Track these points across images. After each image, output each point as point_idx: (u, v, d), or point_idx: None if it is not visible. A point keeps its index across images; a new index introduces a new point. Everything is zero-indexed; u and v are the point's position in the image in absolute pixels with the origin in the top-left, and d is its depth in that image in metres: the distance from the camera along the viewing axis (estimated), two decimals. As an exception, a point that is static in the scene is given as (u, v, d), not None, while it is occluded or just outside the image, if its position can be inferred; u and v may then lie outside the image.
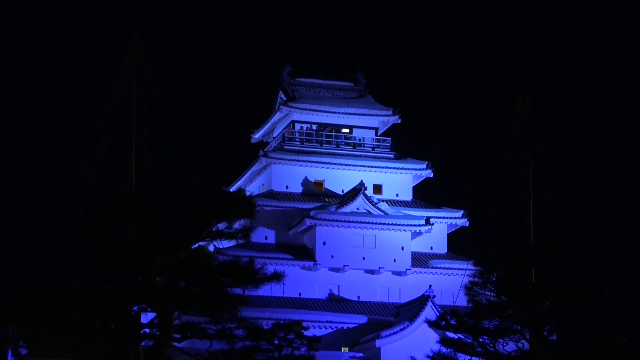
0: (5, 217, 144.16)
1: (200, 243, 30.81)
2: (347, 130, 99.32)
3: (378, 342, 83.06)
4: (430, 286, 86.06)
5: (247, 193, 49.40)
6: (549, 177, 62.80)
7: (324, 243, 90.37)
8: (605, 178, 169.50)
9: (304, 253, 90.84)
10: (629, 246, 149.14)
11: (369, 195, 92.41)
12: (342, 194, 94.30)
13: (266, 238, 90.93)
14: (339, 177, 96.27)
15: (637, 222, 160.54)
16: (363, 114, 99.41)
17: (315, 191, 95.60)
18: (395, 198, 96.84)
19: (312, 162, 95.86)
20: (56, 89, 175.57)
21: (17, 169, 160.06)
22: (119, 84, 48.68)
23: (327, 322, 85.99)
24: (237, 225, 29.66)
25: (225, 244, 38.60)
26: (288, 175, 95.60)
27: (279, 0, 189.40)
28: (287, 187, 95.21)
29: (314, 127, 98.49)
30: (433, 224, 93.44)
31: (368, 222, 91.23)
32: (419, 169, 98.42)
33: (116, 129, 48.03)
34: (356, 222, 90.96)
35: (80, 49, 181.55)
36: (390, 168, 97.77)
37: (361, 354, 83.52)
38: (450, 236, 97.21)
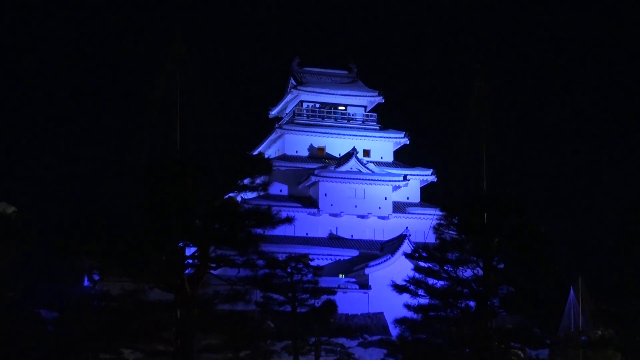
0: (81, 174, 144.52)
1: (230, 194, 30.81)
2: (342, 108, 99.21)
3: (367, 270, 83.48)
4: (407, 227, 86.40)
5: (266, 156, 49.39)
6: (500, 143, 63.01)
7: (325, 195, 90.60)
8: (545, 143, 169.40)
9: (310, 202, 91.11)
10: (561, 195, 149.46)
11: (359, 158, 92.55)
12: (339, 157, 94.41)
13: (281, 191, 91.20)
14: (337, 144, 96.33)
15: (568, 177, 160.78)
16: (355, 95, 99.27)
17: (318, 155, 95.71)
18: (380, 160, 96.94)
19: (316, 132, 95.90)
20: (123, 72, 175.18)
21: (96, 139, 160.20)
22: (167, 72, 48.73)
23: (327, 255, 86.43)
24: (258, 181, 29.61)
25: (249, 195, 38.48)
26: (297, 142, 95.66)
27: (290, 7, 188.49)
28: (296, 152, 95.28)
29: (318, 105, 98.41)
30: (409, 180, 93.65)
31: (359, 179, 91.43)
32: (399, 138, 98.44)
33: (166, 105, 48.15)
34: (350, 178, 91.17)
35: (138, 38, 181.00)
36: (376, 137, 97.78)
37: (354, 279, 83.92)
38: (422, 189, 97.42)
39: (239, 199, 31.34)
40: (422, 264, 38.13)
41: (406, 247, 79.88)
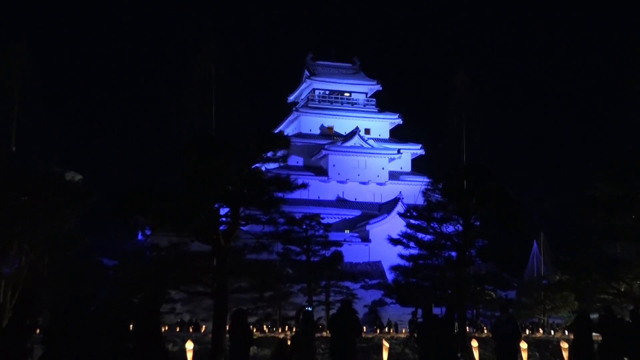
0: (136, 149, 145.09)
1: (256, 165, 31.05)
2: (347, 94, 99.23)
3: (367, 227, 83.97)
4: (400, 192, 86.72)
5: (285, 134, 49.71)
6: (478, 121, 63.03)
7: (334, 165, 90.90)
8: (516, 122, 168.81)
9: (321, 171, 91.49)
10: (529, 166, 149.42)
11: (362, 135, 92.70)
12: (345, 134, 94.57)
13: (297, 162, 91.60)
14: (343, 124, 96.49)
15: (535, 150, 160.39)
16: (358, 84, 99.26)
17: (328, 133, 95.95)
18: (378, 137, 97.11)
19: (325, 114, 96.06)
20: (168, 68, 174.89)
21: (147, 121, 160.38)
22: (202, 66, 48.93)
23: (335, 214, 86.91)
24: (279, 154, 29.73)
25: (271, 166, 38.81)
26: (311, 123, 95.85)
27: (304, 12, 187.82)
28: (310, 130, 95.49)
29: (327, 92, 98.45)
30: (402, 153, 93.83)
31: (361, 152, 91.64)
32: (394, 118, 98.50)
33: (202, 93, 48.38)
34: (354, 152, 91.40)
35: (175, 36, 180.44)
36: (375, 118, 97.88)
37: (357, 234, 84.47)
38: (413, 160, 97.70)
39: (263, 169, 31.55)
40: (412, 221, 38.35)
41: (400, 207, 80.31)
